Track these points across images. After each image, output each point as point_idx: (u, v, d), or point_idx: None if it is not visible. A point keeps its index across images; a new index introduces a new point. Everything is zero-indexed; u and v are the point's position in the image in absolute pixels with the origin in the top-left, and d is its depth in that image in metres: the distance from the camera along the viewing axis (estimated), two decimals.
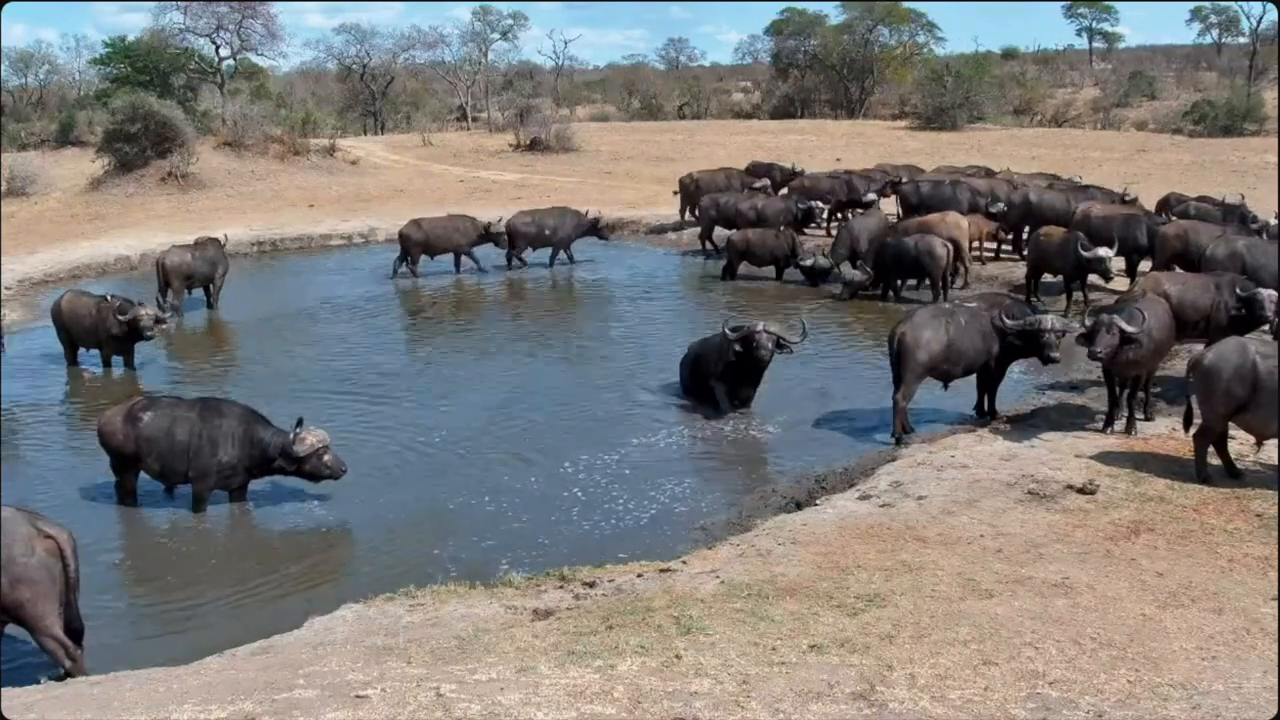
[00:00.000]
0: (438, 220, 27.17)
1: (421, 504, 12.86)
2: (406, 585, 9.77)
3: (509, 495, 13.04)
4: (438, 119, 67.58)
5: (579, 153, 48.10)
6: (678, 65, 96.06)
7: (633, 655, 7.68)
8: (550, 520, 12.30)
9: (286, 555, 11.69)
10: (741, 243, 25.32)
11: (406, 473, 13.90)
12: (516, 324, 22.72)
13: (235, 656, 8.64)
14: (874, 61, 69.42)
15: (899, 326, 14.51)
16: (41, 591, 8.55)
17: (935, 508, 11.09)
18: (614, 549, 11.22)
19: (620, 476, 13.55)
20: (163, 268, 22.68)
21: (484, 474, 13.79)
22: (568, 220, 27.60)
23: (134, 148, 39.11)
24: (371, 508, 12.72)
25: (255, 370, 19.12)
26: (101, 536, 12.11)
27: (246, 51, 58.41)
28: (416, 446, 14.87)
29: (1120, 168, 37.56)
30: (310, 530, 12.30)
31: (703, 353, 16.14)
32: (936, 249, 21.54)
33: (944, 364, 14.48)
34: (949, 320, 14.51)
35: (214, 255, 23.56)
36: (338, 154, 44.09)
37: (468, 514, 12.56)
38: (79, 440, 15.21)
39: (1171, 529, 10.31)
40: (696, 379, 16.22)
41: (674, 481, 13.32)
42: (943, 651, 7.76)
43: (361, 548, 11.85)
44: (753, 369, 15.47)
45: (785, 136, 51.72)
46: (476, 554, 11.41)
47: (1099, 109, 63.05)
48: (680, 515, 12.37)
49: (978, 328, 14.51)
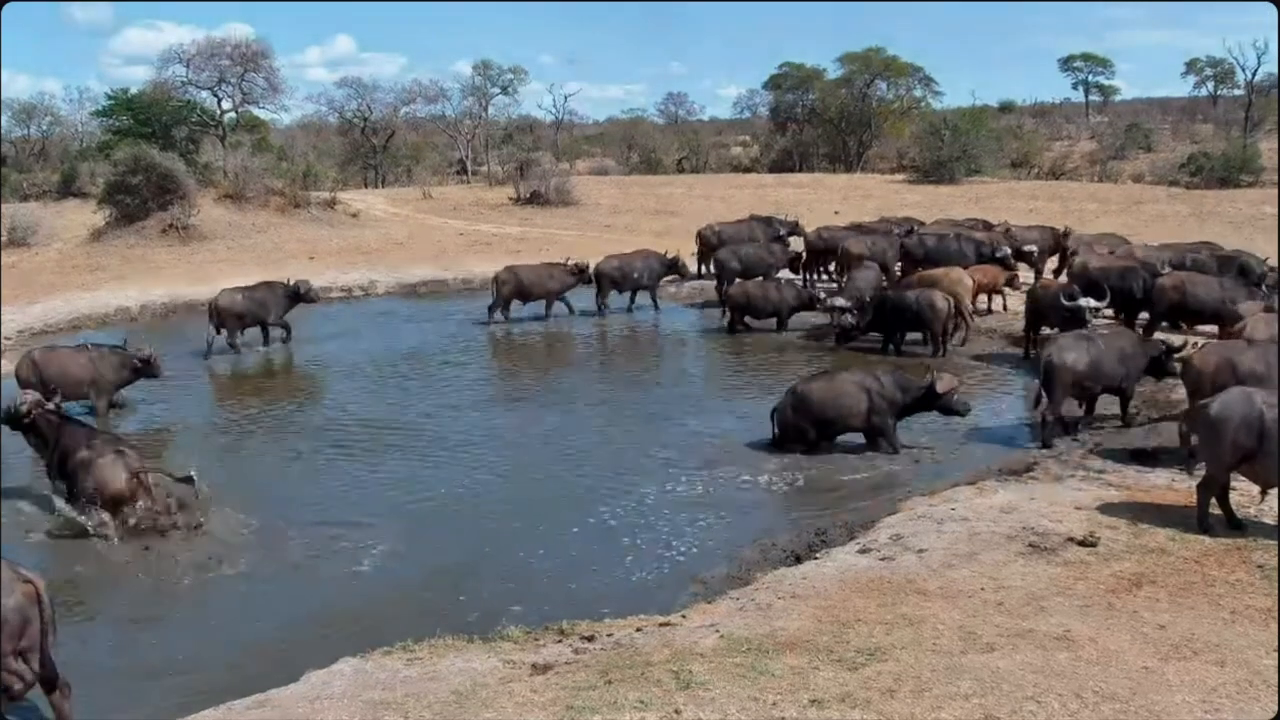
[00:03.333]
0: (532, 266, 27.82)
1: (418, 557, 12.78)
2: (404, 639, 9.71)
3: (508, 548, 12.97)
4: (438, 172, 67.78)
5: (578, 206, 48.22)
6: (676, 119, 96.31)
7: (632, 710, 7.64)
8: (549, 573, 12.24)
9: (283, 608, 11.62)
10: (740, 295, 25.39)
11: (404, 526, 13.80)
12: (541, 375, 22.70)
13: (232, 709, 8.59)
14: (872, 115, 69.74)
15: (1045, 349, 16.63)
16: (8, 633, 8.44)
17: (936, 561, 11.05)
18: (613, 602, 11.14)
19: (620, 529, 13.50)
20: (216, 308, 24.03)
21: (484, 527, 13.72)
22: (653, 262, 28.15)
23: (135, 199, 39.17)
24: (368, 560, 12.66)
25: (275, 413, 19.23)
26: (95, 583, 12.11)
27: (248, 104, 58.74)
28: (416, 500, 14.83)
29: (1117, 219, 37.71)
30: (308, 583, 12.22)
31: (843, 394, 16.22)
32: (937, 302, 21.61)
33: (1087, 381, 16.28)
34: (1090, 344, 16.37)
35: (263, 297, 24.53)
36: (338, 207, 44.17)
37: (466, 567, 12.50)
38: None
39: (1173, 581, 10.28)
40: (821, 425, 16.22)
41: (674, 534, 13.27)
42: (944, 706, 7.71)
43: (359, 601, 11.74)
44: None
45: (783, 190, 51.89)
46: (475, 607, 11.32)
47: (1096, 161, 63.32)
48: (680, 568, 12.31)
49: (1116, 350, 16.43)
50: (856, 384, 16.11)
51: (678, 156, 75.53)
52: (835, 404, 15.98)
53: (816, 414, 15.98)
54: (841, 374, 16.67)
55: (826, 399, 16.00)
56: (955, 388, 16.33)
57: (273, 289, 25.02)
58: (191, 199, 39.84)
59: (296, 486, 15.67)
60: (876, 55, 69.67)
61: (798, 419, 16.02)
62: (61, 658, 8.87)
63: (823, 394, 16.05)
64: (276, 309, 24.70)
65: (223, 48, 56.11)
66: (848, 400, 15.98)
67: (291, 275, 26.46)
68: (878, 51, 69.83)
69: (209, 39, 56.70)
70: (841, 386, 16.13)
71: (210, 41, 56.45)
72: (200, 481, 13.99)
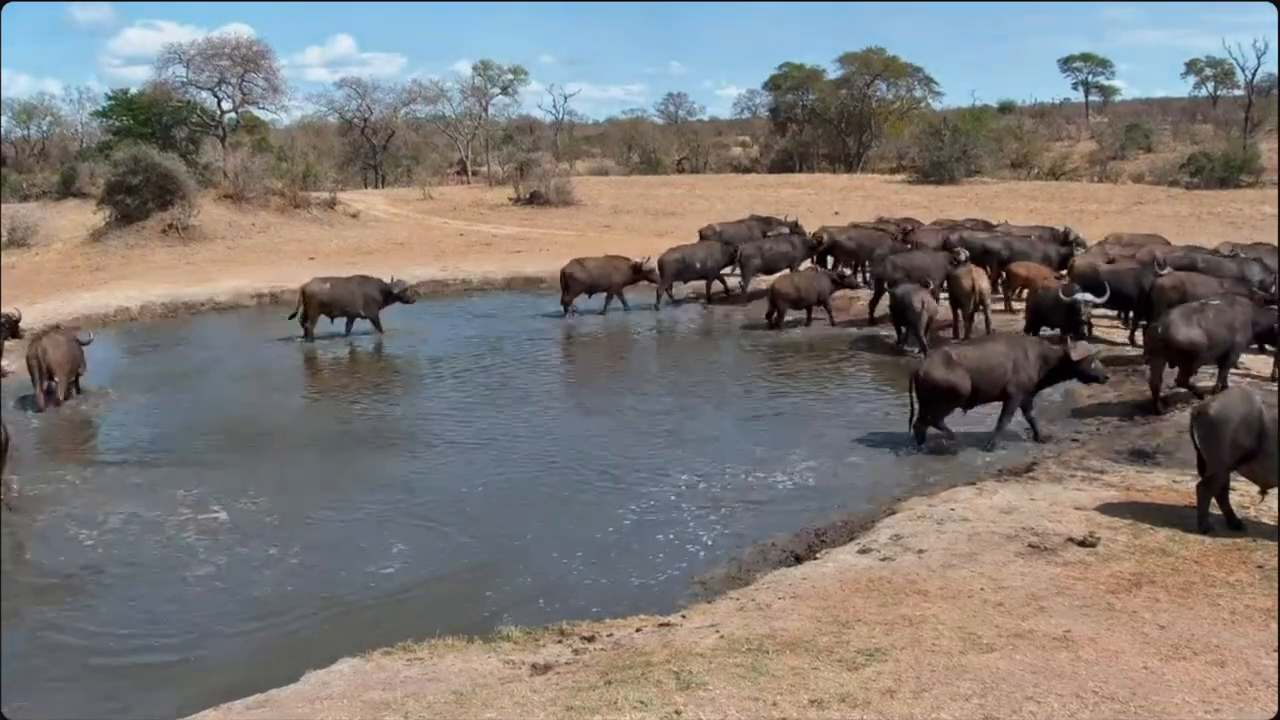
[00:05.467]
0: (598, 260, 28.14)
1: (417, 556, 12.79)
2: (404, 639, 9.72)
3: (507, 548, 12.98)
4: (438, 172, 67.84)
5: (579, 206, 48.23)
6: (677, 120, 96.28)
7: (632, 710, 7.63)
8: (549, 573, 12.24)
9: (281, 607, 11.62)
10: (789, 288, 25.28)
11: (402, 524, 13.84)
12: (559, 369, 22.81)
13: (231, 710, 8.59)
14: (872, 115, 69.80)
15: (1159, 324, 17.00)
16: None
17: (936, 561, 11.05)
18: (613, 602, 11.15)
19: (620, 529, 13.51)
20: (304, 294, 25.11)
21: (481, 528, 13.72)
22: (715, 252, 28.48)
23: (135, 200, 39.25)
24: (363, 561, 12.67)
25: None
26: (94, 583, 12.16)
27: (248, 105, 58.93)
28: (416, 498, 14.85)
29: (1117, 220, 37.67)
30: (306, 581, 12.21)
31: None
32: (914, 302, 21.62)
33: (1205, 352, 16.70)
34: (1200, 315, 16.73)
35: (353, 289, 25.24)
36: (338, 207, 44.23)
37: (465, 566, 12.52)
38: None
39: (1173, 581, 10.27)
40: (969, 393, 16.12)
41: (673, 534, 13.27)
42: (944, 706, 7.71)
43: (357, 600, 11.76)
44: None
45: (783, 190, 51.91)
46: (474, 607, 11.35)
47: (1096, 162, 63.27)
48: (679, 569, 12.31)
49: (1224, 321, 16.75)
50: (1004, 353, 16.00)
51: (678, 157, 75.59)
52: (987, 371, 15.87)
53: (969, 380, 15.82)
54: (990, 342, 16.66)
55: (981, 366, 15.86)
56: (1091, 355, 16.36)
57: (365, 283, 25.53)
58: (191, 199, 39.93)
59: (310, 479, 15.87)
60: (876, 55, 69.68)
61: (950, 384, 15.83)
62: (56, 652, 8.90)
63: (976, 360, 15.89)
64: (366, 303, 25.18)
65: (223, 48, 56.30)
66: (996, 368, 15.92)
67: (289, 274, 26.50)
68: (877, 52, 69.88)
69: (209, 39, 57.03)
70: (991, 354, 16.00)
71: (210, 42, 56.71)
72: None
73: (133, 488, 15.56)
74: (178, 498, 14.91)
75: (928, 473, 15.02)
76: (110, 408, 20.17)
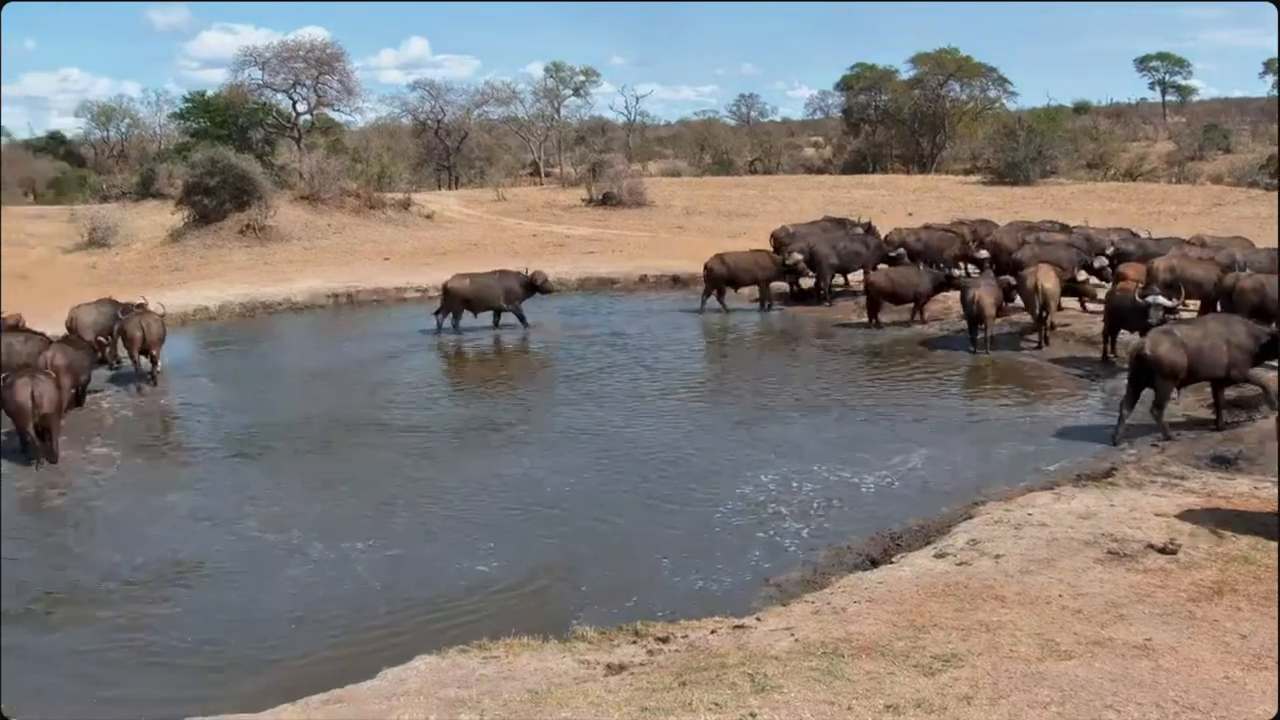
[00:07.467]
0: (741, 255, 28.15)
1: (494, 555, 12.88)
2: (480, 637, 9.79)
3: (585, 548, 13.07)
4: (511, 174, 68.36)
5: (651, 207, 48.29)
6: (749, 120, 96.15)
7: (706, 713, 7.64)
8: (626, 572, 12.28)
9: (360, 603, 11.76)
10: (885, 282, 25.27)
11: (489, 521, 14.00)
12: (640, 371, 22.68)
13: (309, 705, 8.70)
14: (945, 116, 69.37)
15: None
16: None
17: (1013, 567, 10.94)
18: (687, 604, 11.15)
19: (695, 530, 13.50)
20: (445, 290, 25.99)
21: (559, 527, 13.82)
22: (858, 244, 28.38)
23: (213, 200, 39.88)
24: (445, 558, 12.80)
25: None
26: (179, 578, 12.43)
27: (323, 107, 59.58)
28: (506, 495, 15.02)
29: (1197, 221, 37.10)
30: (383, 579, 12.34)
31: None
32: (967, 296, 22.02)
33: None
34: None
35: (493, 283, 25.94)
36: (413, 208, 44.61)
37: (545, 565, 12.58)
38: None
39: (1255, 590, 10.10)
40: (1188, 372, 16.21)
41: (747, 536, 13.25)
42: (1022, 714, 7.65)
43: (435, 598, 11.86)
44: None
45: (856, 191, 51.68)
46: (552, 606, 11.42)
47: (1174, 163, 62.29)
48: (755, 571, 12.29)
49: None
50: (1219, 334, 16.05)
51: (750, 158, 75.52)
52: (1207, 352, 15.87)
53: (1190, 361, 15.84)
54: (1208, 322, 16.72)
55: (1203, 345, 15.87)
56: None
57: (505, 276, 26.12)
58: (268, 200, 40.46)
59: (397, 476, 16.07)
60: (949, 55, 69.19)
61: (1174, 363, 15.76)
62: (141, 643, 9.08)
63: (1199, 341, 15.90)
64: (508, 296, 25.75)
65: (298, 51, 57.03)
66: (1213, 350, 15.90)
67: (364, 275, 26.74)
68: (951, 52, 69.40)
69: (284, 42, 57.83)
70: (1209, 335, 16.04)
71: (285, 45, 57.49)
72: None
73: (220, 481, 16.01)
74: (264, 492, 15.24)
75: (1005, 477, 14.86)
76: (203, 397, 20.77)
